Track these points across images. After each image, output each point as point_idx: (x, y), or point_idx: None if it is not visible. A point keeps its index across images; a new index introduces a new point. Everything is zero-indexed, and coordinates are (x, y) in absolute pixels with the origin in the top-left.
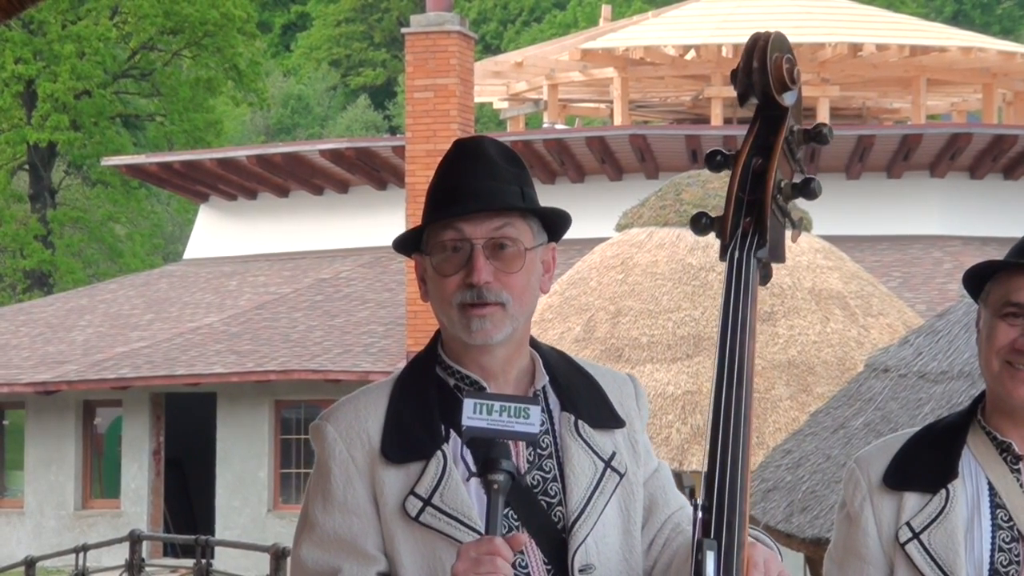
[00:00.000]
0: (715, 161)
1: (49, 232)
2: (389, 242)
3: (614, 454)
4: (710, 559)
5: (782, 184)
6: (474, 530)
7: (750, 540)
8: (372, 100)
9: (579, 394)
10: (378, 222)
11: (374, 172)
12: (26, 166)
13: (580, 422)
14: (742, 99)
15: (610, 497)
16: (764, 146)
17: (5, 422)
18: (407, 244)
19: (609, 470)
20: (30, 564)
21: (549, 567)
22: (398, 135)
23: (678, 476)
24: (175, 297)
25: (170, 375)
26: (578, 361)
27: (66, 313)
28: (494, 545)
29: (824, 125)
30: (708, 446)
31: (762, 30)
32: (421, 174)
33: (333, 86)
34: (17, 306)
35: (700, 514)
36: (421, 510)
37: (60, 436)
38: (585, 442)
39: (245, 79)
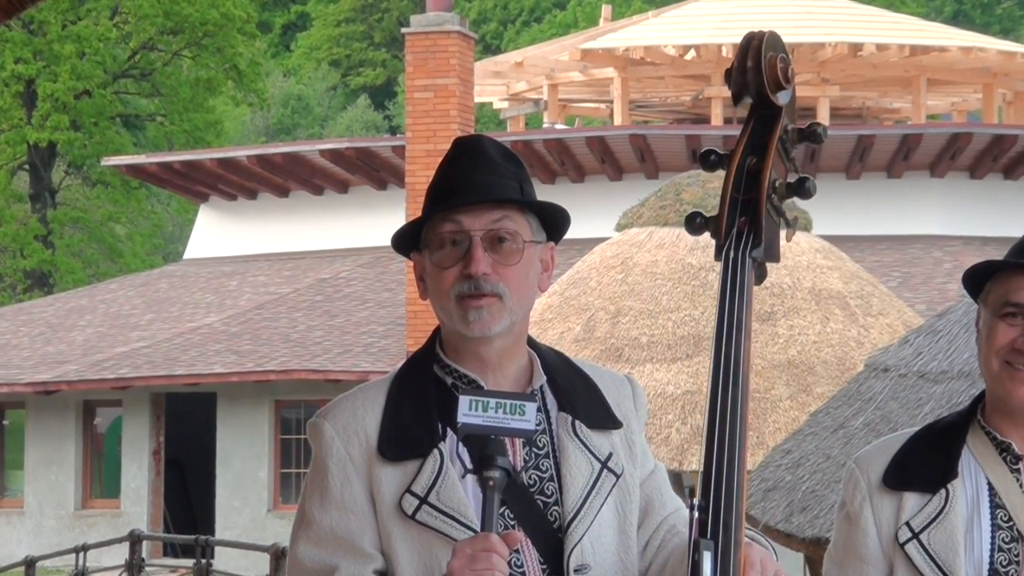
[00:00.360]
0: (709, 161)
1: (49, 232)
2: (389, 242)
3: (611, 455)
4: (707, 559)
5: (777, 183)
6: (470, 528)
7: (746, 540)
8: (372, 100)
9: (577, 394)
10: (378, 222)
11: (374, 172)
12: (26, 166)
13: (577, 422)
14: (736, 99)
15: (606, 498)
16: (758, 145)
17: (5, 422)
18: (405, 242)
19: (605, 471)
20: (30, 564)
21: (544, 566)
22: (398, 135)
23: (678, 476)
24: (175, 297)
25: (170, 375)
26: (576, 362)
27: (66, 313)
28: (490, 542)
29: (818, 124)
30: (704, 446)
31: (761, 29)
32: (421, 174)
33: (333, 86)
34: (17, 306)
35: (696, 514)
36: (417, 508)
37: (60, 436)
38: (582, 442)
39: (245, 79)
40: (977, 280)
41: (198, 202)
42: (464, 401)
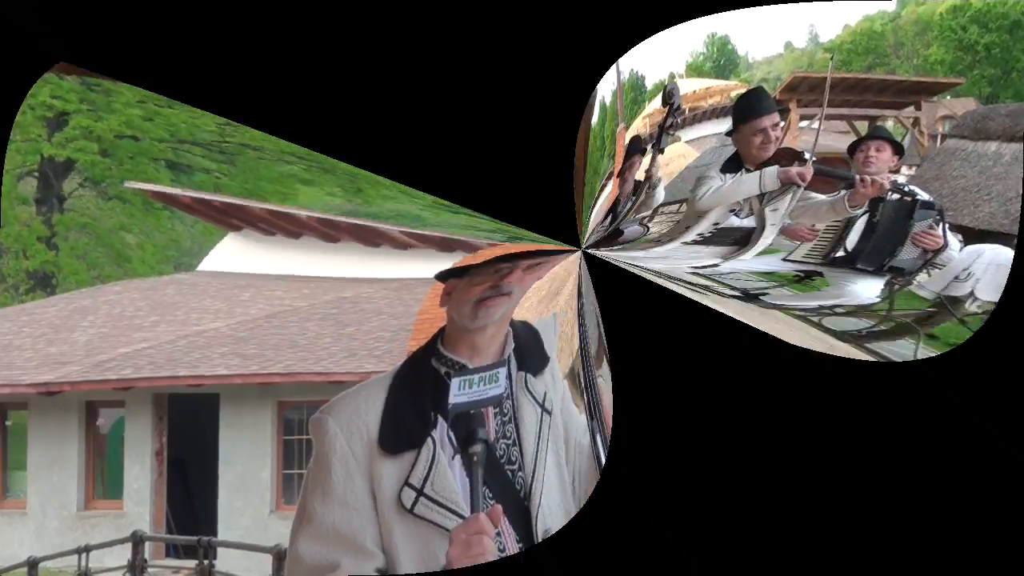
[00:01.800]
0: None
1: (53, 234)
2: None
3: (545, 394)
4: None
5: None
6: (462, 517)
7: None
8: None
9: (527, 347)
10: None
11: None
12: (36, 173)
13: (528, 376)
14: None
15: (548, 442)
16: None
17: (7, 423)
18: None
19: (544, 413)
20: (32, 565)
21: (520, 544)
22: None
23: None
24: (182, 302)
25: (173, 376)
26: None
27: (69, 314)
28: (479, 524)
29: None
30: None
31: None
32: None
33: None
34: (20, 307)
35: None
36: (416, 501)
37: (62, 437)
38: (529, 393)
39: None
40: None
41: (228, 230)
42: (454, 383)
